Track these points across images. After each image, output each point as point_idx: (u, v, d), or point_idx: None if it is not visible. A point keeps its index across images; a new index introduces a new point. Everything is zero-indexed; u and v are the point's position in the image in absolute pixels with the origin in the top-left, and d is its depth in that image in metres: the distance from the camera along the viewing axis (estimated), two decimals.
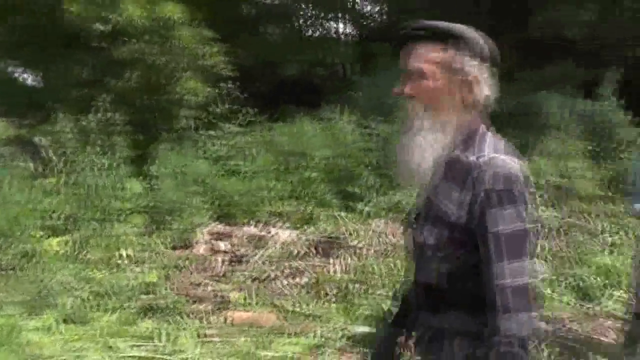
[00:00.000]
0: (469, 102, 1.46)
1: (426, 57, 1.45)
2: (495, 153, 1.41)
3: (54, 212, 6.02)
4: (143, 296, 4.93)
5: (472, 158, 1.41)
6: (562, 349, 3.92)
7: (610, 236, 6.05)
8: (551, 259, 5.60)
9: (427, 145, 1.45)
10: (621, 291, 4.96)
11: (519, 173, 1.38)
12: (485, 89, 1.46)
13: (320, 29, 13.59)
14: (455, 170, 1.43)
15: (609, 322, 4.50)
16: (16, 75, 12.11)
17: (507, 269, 1.34)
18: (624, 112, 7.60)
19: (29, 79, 12.16)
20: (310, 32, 13.55)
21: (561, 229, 6.09)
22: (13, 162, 6.90)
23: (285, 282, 5.21)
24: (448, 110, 1.46)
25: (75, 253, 5.56)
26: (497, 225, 1.35)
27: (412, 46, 1.48)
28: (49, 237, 5.77)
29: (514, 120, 7.91)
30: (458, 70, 1.44)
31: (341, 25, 13.63)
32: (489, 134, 1.48)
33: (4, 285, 4.98)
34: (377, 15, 14.10)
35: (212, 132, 7.32)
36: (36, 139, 7.08)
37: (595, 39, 9.91)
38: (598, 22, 9.72)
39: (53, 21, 8.24)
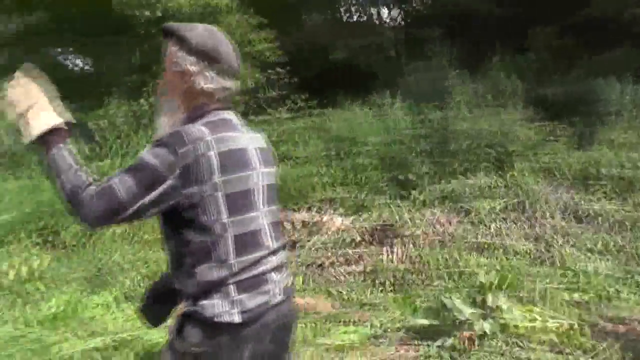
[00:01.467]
0: (190, 90, 1.70)
1: (164, 54, 1.77)
2: (197, 125, 1.62)
3: None
4: None
5: None
6: (636, 353, 3.67)
7: None
8: (616, 253, 5.35)
9: (162, 123, 1.73)
10: None
11: (193, 136, 1.56)
12: (202, 80, 1.69)
13: (364, 14, 13.48)
14: None
15: None
16: (67, 62, 12.39)
17: (118, 173, 1.57)
18: None
19: (79, 65, 12.42)
20: (354, 18, 13.45)
21: (625, 223, 5.77)
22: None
23: (340, 269, 5.14)
24: (176, 96, 1.73)
25: (132, 234, 5.62)
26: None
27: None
28: None
29: (573, 108, 7.65)
30: (176, 64, 1.70)
31: (385, 11, 13.50)
32: (216, 115, 1.70)
33: (67, 261, 5.08)
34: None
35: (262, 117, 7.27)
36: (90, 123, 7.16)
37: None
38: None
39: (101, 7, 8.33)
